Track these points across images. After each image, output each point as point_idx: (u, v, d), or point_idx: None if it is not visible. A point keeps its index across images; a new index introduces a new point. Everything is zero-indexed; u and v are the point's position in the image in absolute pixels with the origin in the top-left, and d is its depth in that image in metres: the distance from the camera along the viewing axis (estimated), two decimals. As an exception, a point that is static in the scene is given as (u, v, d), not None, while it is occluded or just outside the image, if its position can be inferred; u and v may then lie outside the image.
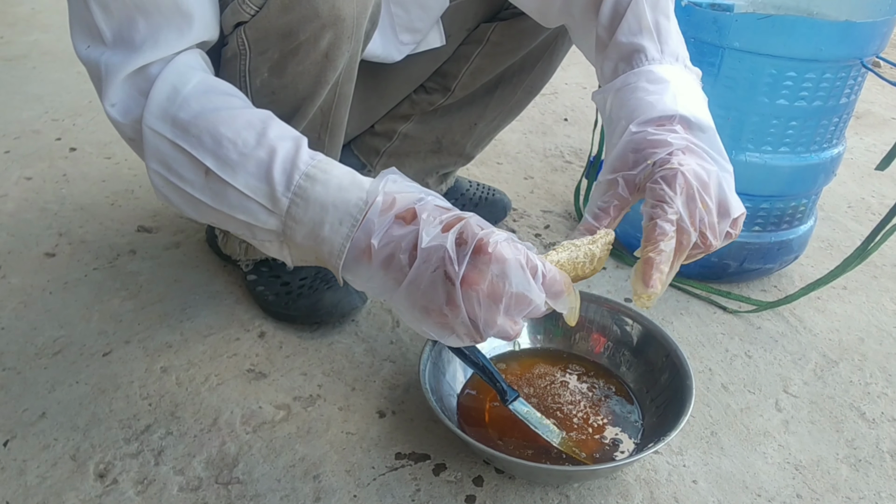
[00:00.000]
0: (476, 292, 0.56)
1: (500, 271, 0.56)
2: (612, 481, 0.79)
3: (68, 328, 0.97)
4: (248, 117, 0.64)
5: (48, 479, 0.76)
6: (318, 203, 0.61)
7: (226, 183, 0.62)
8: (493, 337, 0.59)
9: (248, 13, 0.72)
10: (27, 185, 1.31)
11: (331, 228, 0.60)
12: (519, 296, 0.57)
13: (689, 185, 0.64)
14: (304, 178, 0.61)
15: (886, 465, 0.83)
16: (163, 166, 0.65)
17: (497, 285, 0.56)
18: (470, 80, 1.10)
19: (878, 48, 0.95)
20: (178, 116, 0.63)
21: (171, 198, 0.67)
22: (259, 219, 0.63)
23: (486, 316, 0.57)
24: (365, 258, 0.60)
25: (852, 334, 1.04)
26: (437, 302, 0.58)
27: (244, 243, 1.01)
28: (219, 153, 0.62)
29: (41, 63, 1.88)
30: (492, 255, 0.56)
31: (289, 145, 0.63)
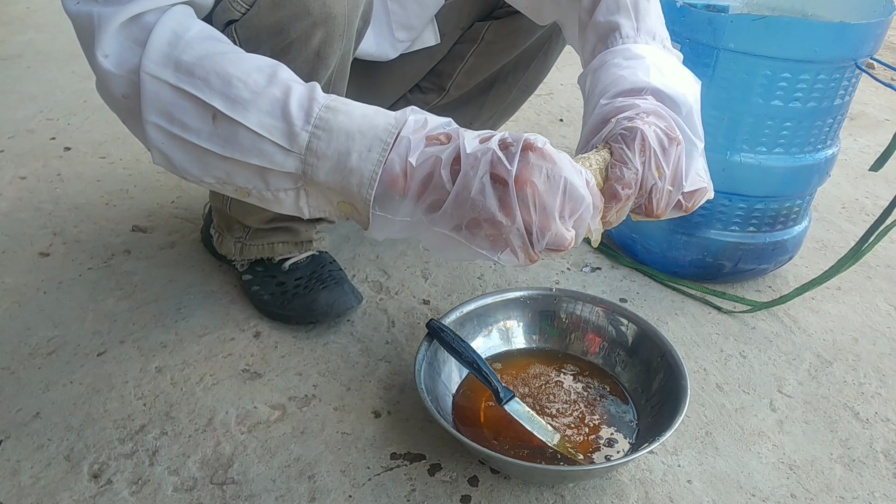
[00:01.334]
0: (531, 192, 0.53)
1: (552, 169, 0.53)
2: (607, 481, 0.79)
3: (62, 328, 0.97)
4: (257, 62, 0.60)
5: (42, 479, 0.76)
6: (344, 132, 0.57)
7: (237, 124, 0.58)
8: (546, 249, 0.56)
9: (238, 11, 0.71)
10: (21, 185, 1.31)
11: (359, 157, 0.56)
12: (573, 195, 0.54)
13: (647, 148, 0.62)
14: (325, 109, 0.58)
15: (880, 464, 0.83)
16: (163, 117, 0.60)
17: (552, 183, 0.53)
18: (465, 79, 1.10)
19: (872, 49, 0.95)
20: (181, 59, 0.59)
21: (172, 155, 0.62)
22: (275, 161, 0.58)
23: (541, 218, 0.54)
24: (398, 186, 0.56)
25: (846, 334, 1.04)
26: (490, 210, 0.54)
27: (239, 243, 1.00)
28: (228, 93, 0.58)
29: (35, 62, 1.87)
30: (542, 151, 0.53)
31: (302, 87, 0.59)
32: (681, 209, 0.66)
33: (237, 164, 0.60)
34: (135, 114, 0.61)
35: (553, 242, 0.55)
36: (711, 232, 1.07)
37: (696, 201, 0.67)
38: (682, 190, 0.64)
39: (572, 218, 0.56)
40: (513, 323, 0.94)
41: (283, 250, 1.01)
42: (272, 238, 1.00)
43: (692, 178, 0.65)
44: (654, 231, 1.11)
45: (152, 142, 0.62)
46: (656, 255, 1.13)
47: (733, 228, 1.06)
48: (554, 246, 0.56)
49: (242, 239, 1.00)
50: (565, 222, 0.55)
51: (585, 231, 0.58)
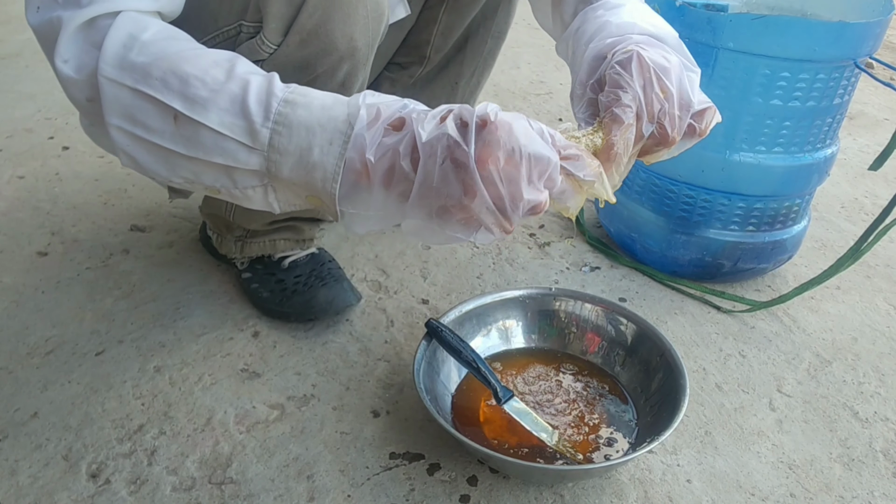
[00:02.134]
0: (492, 168, 0.52)
1: (509, 137, 0.52)
2: (606, 481, 0.79)
3: (61, 327, 0.97)
4: (214, 56, 0.59)
5: (40, 479, 0.76)
6: (303, 126, 0.56)
7: (198, 124, 0.57)
8: (523, 215, 0.55)
9: (266, 52, 0.71)
10: (19, 184, 1.30)
11: (321, 151, 0.55)
12: (536, 156, 0.53)
13: (645, 69, 0.60)
14: (284, 104, 0.57)
15: (879, 464, 0.83)
16: (126, 119, 0.59)
17: (512, 154, 0.52)
18: (442, 40, 1.11)
19: (872, 49, 0.95)
20: (136, 61, 0.57)
21: (138, 157, 0.61)
22: (239, 159, 0.58)
23: (510, 190, 0.53)
24: (363, 179, 0.56)
25: (846, 334, 1.04)
26: (455, 195, 0.53)
27: (239, 241, 1.00)
28: (187, 93, 0.57)
29: (34, 62, 1.87)
30: (497, 123, 0.52)
31: (260, 78, 0.58)
32: (695, 134, 0.66)
33: (202, 164, 0.59)
34: (100, 117, 0.61)
35: (529, 209, 0.54)
36: (710, 231, 1.07)
37: (708, 123, 0.66)
38: (692, 110, 0.63)
39: (541, 179, 0.54)
40: (512, 322, 0.93)
41: (284, 247, 1.01)
42: (274, 235, 1.00)
43: (699, 99, 0.65)
44: (653, 230, 1.11)
45: (117, 144, 0.61)
46: (655, 254, 1.12)
47: (732, 228, 1.06)
48: (530, 212, 0.55)
49: (243, 237, 1.00)
50: (535, 185, 0.54)
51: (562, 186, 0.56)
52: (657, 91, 0.61)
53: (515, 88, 1.88)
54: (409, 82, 1.15)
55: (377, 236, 1.19)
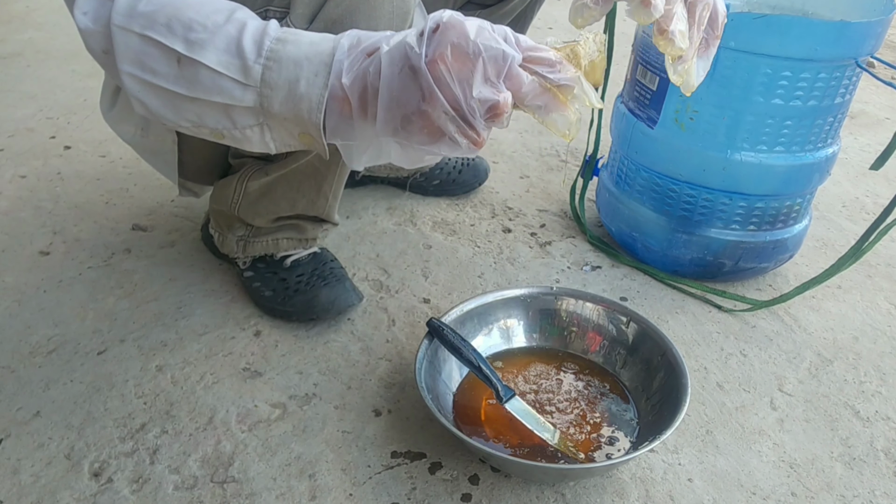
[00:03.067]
0: (443, 68, 0.51)
1: (460, 35, 0.51)
2: (607, 479, 0.79)
3: (63, 327, 0.97)
4: (217, 3, 0.62)
5: (42, 478, 0.76)
6: (292, 60, 0.58)
7: (198, 64, 0.59)
8: (485, 118, 0.53)
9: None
10: (21, 184, 1.31)
11: (307, 83, 0.57)
12: (489, 50, 0.51)
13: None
14: (275, 41, 0.59)
15: (881, 463, 0.83)
16: (135, 65, 0.62)
17: (462, 50, 0.51)
18: None
19: (873, 48, 0.95)
20: (145, 10, 0.61)
21: (148, 102, 0.64)
22: (234, 96, 0.60)
23: (462, 88, 0.52)
24: (346, 107, 0.57)
25: (847, 333, 1.04)
26: (413, 102, 0.53)
27: (241, 241, 1.00)
28: (188, 36, 0.59)
29: (35, 61, 1.87)
30: (448, 23, 0.52)
31: (257, 21, 0.60)
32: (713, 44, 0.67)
33: (204, 105, 0.61)
34: (115, 68, 0.63)
35: (487, 108, 0.53)
36: (712, 230, 1.07)
37: (721, 26, 0.67)
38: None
39: (500, 78, 0.53)
40: (513, 321, 0.94)
41: (287, 246, 1.01)
42: (277, 235, 1.00)
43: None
44: (654, 229, 1.11)
45: (130, 91, 0.63)
46: (657, 253, 1.13)
47: (734, 227, 1.06)
48: (490, 113, 0.53)
49: (245, 237, 1.00)
50: (492, 83, 0.52)
51: (533, 90, 0.54)
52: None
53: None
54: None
55: (378, 235, 1.20)
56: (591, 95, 0.56)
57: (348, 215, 1.25)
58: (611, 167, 1.20)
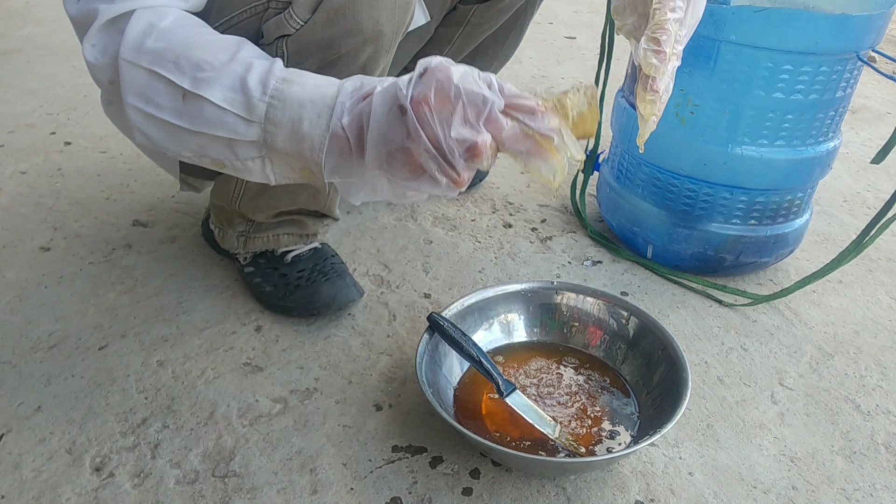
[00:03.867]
0: (426, 109, 0.54)
1: (444, 78, 0.54)
2: (608, 473, 0.79)
3: (64, 322, 0.97)
4: (224, 42, 0.65)
5: (44, 472, 0.76)
6: (296, 101, 0.61)
7: (202, 100, 0.62)
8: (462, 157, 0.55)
9: (293, 27, 0.73)
10: (22, 180, 1.31)
11: (310, 123, 0.60)
12: (469, 94, 0.54)
13: None
14: (281, 81, 0.62)
15: (881, 456, 0.83)
16: (140, 98, 0.65)
17: (445, 92, 0.54)
18: (451, 58, 1.11)
19: (874, 42, 0.95)
20: (153, 46, 0.63)
21: (151, 134, 0.67)
22: (238, 131, 0.62)
23: (442, 127, 0.54)
24: (346, 146, 0.60)
25: (847, 327, 1.04)
26: (398, 139, 0.56)
27: (242, 237, 1.00)
28: (195, 74, 0.62)
29: (35, 57, 1.87)
30: (434, 68, 0.55)
31: (264, 61, 0.63)
32: None
33: (207, 137, 0.64)
34: (119, 97, 0.66)
35: (465, 149, 0.55)
36: (713, 225, 1.07)
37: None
38: None
39: (480, 120, 0.55)
40: (514, 316, 0.94)
41: (288, 242, 1.01)
42: (278, 230, 1.00)
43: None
44: (655, 224, 1.11)
45: (133, 122, 0.66)
46: (657, 248, 1.12)
47: (734, 221, 1.06)
48: (469, 153, 0.55)
49: (246, 232, 1.00)
50: (474, 127, 0.55)
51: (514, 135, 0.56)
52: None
53: (517, 83, 1.87)
54: None
55: (379, 231, 1.20)
56: (572, 147, 0.57)
57: (349, 210, 1.25)
58: (611, 162, 1.20)
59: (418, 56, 1.12)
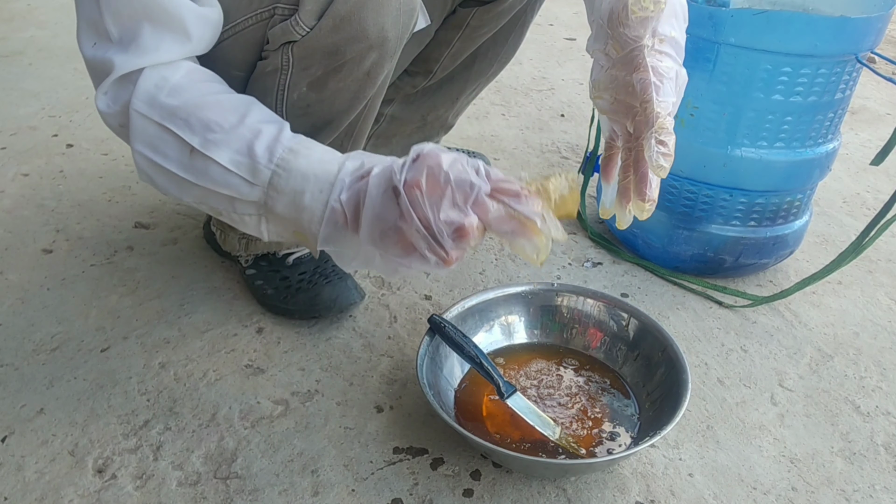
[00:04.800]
0: (417, 192, 0.58)
1: (434, 164, 0.58)
2: (608, 475, 0.80)
3: (66, 324, 0.97)
4: (234, 102, 0.68)
5: (47, 474, 0.77)
6: (300, 173, 0.64)
7: (210, 160, 0.65)
8: (450, 238, 0.59)
9: (299, 34, 0.74)
10: (24, 182, 1.31)
11: (311, 197, 0.64)
12: (457, 180, 0.58)
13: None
14: (287, 151, 0.65)
15: (881, 458, 0.84)
16: (148, 148, 0.68)
17: (435, 177, 0.58)
18: (450, 61, 1.14)
19: (873, 44, 0.95)
20: (166, 102, 0.67)
21: (154, 178, 0.71)
22: (241, 192, 0.66)
23: (432, 210, 0.58)
24: (341, 220, 0.63)
25: (847, 329, 1.05)
26: (391, 219, 0.60)
27: (244, 239, 1.01)
28: (206, 135, 0.65)
29: (37, 59, 1.87)
30: (426, 154, 0.59)
31: (272, 128, 0.67)
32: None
33: (209, 192, 0.68)
34: (126, 139, 0.70)
35: (451, 230, 0.59)
36: (712, 226, 1.07)
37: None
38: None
39: (468, 203, 0.59)
40: (514, 318, 0.94)
41: (289, 244, 1.01)
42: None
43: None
44: (655, 226, 1.11)
45: (138, 165, 0.71)
46: (657, 249, 1.13)
47: (734, 223, 1.07)
48: (457, 234, 0.59)
49: (248, 235, 1.00)
50: (461, 209, 0.59)
51: (499, 216, 0.60)
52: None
53: (518, 85, 1.88)
54: (412, 91, 1.18)
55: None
56: (554, 230, 0.61)
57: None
58: (611, 164, 1.20)
59: (418, 58, 1.13)
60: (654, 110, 0.64)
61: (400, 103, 1.20)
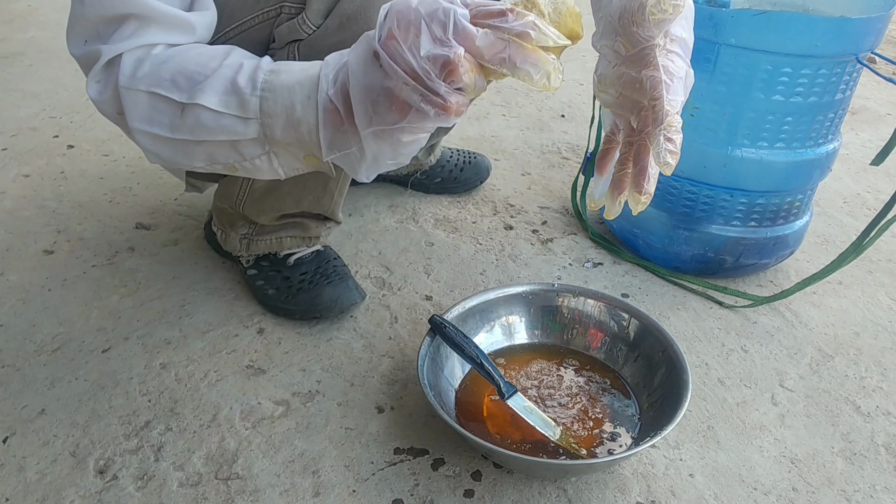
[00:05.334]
0: (393, 43, 0.54)
1: (403, 7, 0.54)
2: (609, 475, 0.80)
3: (67, 325, 0.97)
4: (213, 50, 0.67)
5: (48, 475, 0.77)
6: (285, 88, 0.62)
7: (200, 108, 0.64)
8: (441, 79, 0.54)
9: (306, 32, 0.74)
10: (25, 183, 1.31)
11: (302, 106, 0.61)
12: (429, 13, 0.53)
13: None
14: (269, 73, 0.63)
15: (881, 458, 0.84)
16: (145, 121, 0.67)
17: (407, 20, 0.53)
18: None
19: (873, 44, 0.95)
20: (149, 70, 0.66)
21: (160, 152, 0.70)
22: (238, 131, 0.64)
23: (414, 55, 0.53)
24: (337, 119, 0.60)
25: (848, 329, 1.05)
26: (378, 83, 0.56)
27: (245, 239, 1.01)
28: (190, 87, 0.64)
29: (38, 60, 1.88)
30: (393, 5, 0.55)
31: (251, 60, 0.65)
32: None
33: (212, 145, 0.66)
34: (127, 126, 0.70)
35: (440, 68, 0.53)
36: (713, 227, 1.07)
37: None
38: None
39: (448, 34, 0.53)
40: (515, 318, 0.94)
41: (290, 245, 1.01)
42: (281, 233, 1.00)
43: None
44: (655, 226, 1.11)
45: (142, 145, 0.70)
46: (658, 250, 1.13)
47: (735, 223, 1.07)
48: (445, 71, 0.53)
49: (249, 235, 1.01)
50: (443, 42, 0.53)
51: (489, 41, 0.53)
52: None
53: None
54: None
55: (381, 233, 1.20)
56: (551, 35, 0.54)
57: (350, 213, 1.25)
58: (612, 164, 1.20)
59: None
60: (664, 108, 0.63)
61: None
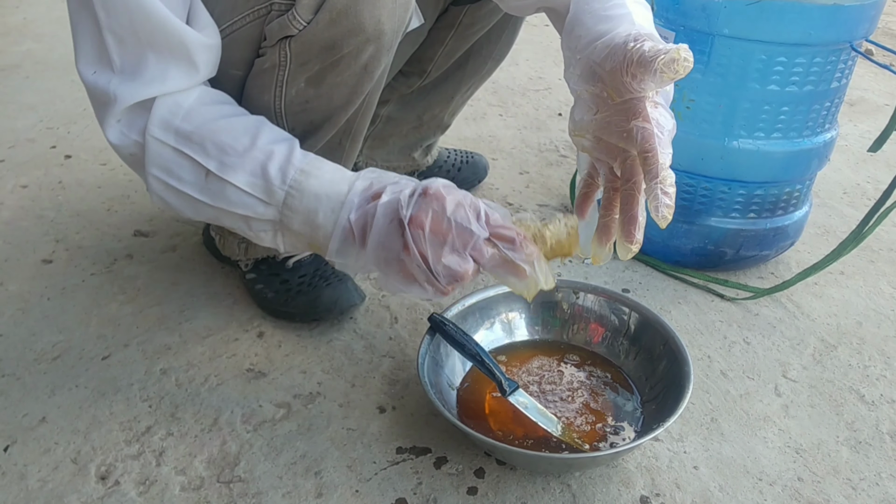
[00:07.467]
0: (421, 231, 0.62)
1: (439, 207, 0.63)
2: (613, 469, 0.79)
3: (67, 333, 0.97)
4: (244, 124, 0.71)
5: (49, 482, 0.76)
6: (313, 194, 0.68)
7: (226, 182, 0.69)
8: (447, 278, 0.63)
9: (296, 28, 0.74)
10: (23, 193, 1.31)
11: (324, 216, 0.68)
12: (459, 227, 0.62)
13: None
14: (299, 172, 0.69)
15: (886, 446, 0.83)
16: (164, 172, 0.71)
17: (439, 220, 0.63)
18: (444, 60, 1.15)
19: (867, 31, 0.95)
20: (181, 127, 0.69)
21: (169, 200, 0.73)
22: (257, 211, 0.70)
23: (433, 252, 0.63)
24: (350, 237, 0.67)
25: (850, 318, 1.04)
26: (395, 250, 0.64)
27: (243, 243, 1.01)
28: (221, 158, 0.69)
29: (34, 72, 1.88)
30: (434, 193, 0.63)
31: (283, 147, 0.70)
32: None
33: (225, 212, 0.71)
34: (138, 166, 0.73)
35: (449, 273, 0.63)
36: (712, 219, 1.07)
37: None
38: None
39: (466, 249, 0.63)
40: (515, 315, 0.94)
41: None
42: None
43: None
44: (654, 220, 1.11)
45: (153, 189, 0.73)
46: (658, 244, 1.13)
47: (734, 215, 1.06)
48: (451, 276, 0.64)
49: (247, 239, 1.00)
50: (460, 254, 0.63)
51: (494, 262, 0.65)
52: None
53: (514, 85, 1.88)
54: (407, 91, 1.19)
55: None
56: (541, 278, 0.65)
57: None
58: (609, 159, 1.20)
59: (412, 58, 1.13)
60: (658, 161, 0.62)
61: (395, 104, 1.20)
